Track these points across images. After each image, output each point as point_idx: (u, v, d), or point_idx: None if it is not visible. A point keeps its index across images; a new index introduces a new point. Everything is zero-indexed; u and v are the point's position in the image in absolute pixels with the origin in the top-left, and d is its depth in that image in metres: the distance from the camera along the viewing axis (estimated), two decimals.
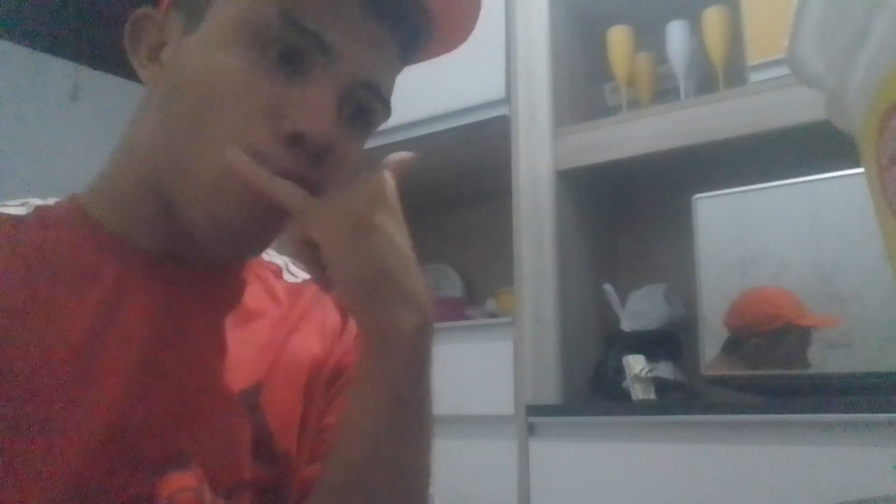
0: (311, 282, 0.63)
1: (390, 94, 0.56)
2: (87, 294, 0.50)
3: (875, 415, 1.09)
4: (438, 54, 0.60)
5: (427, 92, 1.66)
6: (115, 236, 0.54)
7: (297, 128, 0.49)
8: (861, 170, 0.37)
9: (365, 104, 0.53)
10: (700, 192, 1.42)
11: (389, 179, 0.52)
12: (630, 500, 1.29)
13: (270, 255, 0.65)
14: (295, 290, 0.63)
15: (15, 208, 0.54)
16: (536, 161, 1.61)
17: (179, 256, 0.55)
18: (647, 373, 1.42)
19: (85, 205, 0.55)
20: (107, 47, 2.45)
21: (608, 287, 1.60)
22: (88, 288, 0.51)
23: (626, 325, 1.58)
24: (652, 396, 1.41)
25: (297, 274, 0.65)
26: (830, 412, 1.14)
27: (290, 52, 0.49)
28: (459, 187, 2.00)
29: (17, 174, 2.22)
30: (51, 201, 0.56)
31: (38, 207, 0.55)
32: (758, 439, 1.19)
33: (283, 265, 0.65)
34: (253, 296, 0.60)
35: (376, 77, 0.53)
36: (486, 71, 1.63)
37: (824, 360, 1.25)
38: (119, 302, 0.51)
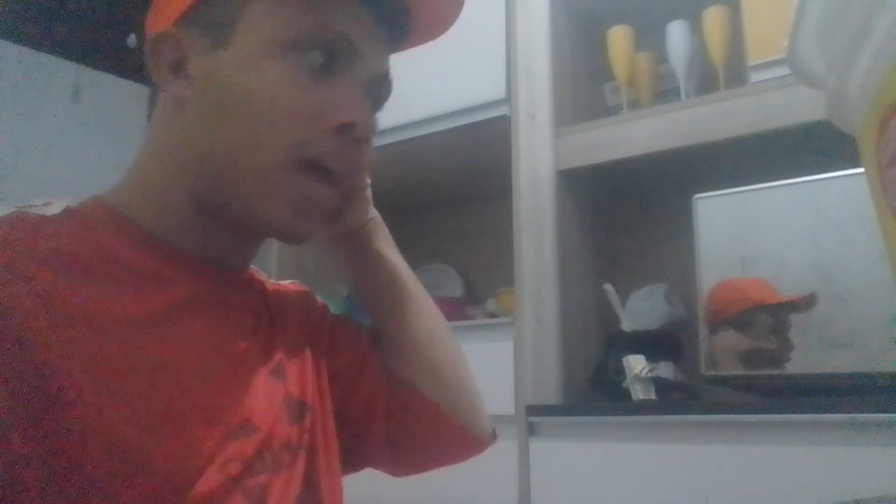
0: (284, 284, 0.76)
1: None
2: (139, 292, 0.54)
3: (875, 415, 1.09)
4: (416, 45, 0.69)
5: (427, 92, 1.66)
6: (154, 236, 0.58)
7: (348, 119, 0.57)
8: (861, 170, 0.37)
9: (380, 91, 0.64)
10: (700, 192, 1.43)
11: None
12: (630, 500, 1.29)
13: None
14: (278, 287, 0.72)
15: (44, 208, 0.56)
16: (536, 161, 1.61)
17: (209, 256, 0.60)
18: (647, 373, 1.42)
19: (117, 206, 0.58)
20: (107, 48, 2.46)
21: (608, 287, 1.60)
22: (140, 287, 0.55)
23: (627, 325, 1.58)
24: (652, 396, 1.41)
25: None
26: (831, 412, 1.14)
27: (326, 55, 0.57)
28: (459, 187, 2.00)
29: (18, 174, 2.22)
30: (73, 202, 0.58)
31: (67, 207, 0.57)
32: (758, 439, 1.19)
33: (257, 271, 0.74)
34: (264, 290, 0.68)
35: (386, 66, 0.63)
36: (486, 71, 1.63)
37: (824, 360, 1.25)
38: (173, 295, 0.56)
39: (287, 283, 0.76)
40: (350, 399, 0.70)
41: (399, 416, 0.71)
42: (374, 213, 0.73)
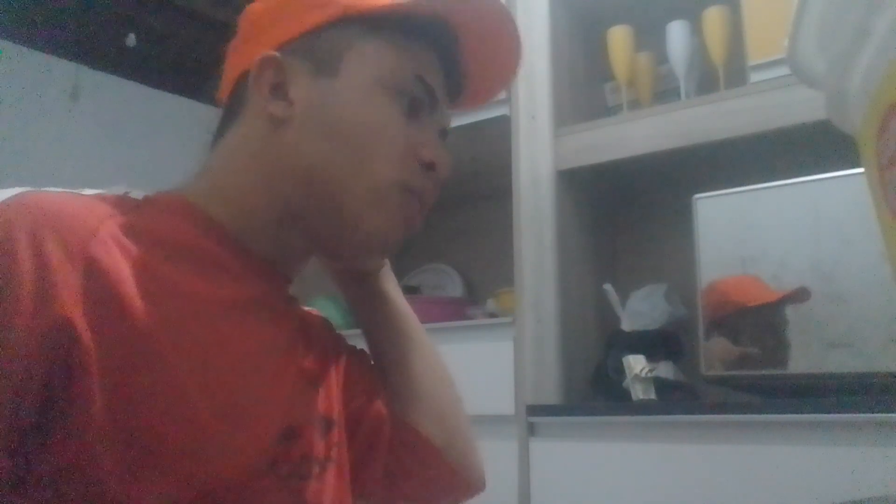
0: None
1: None
2: (219, 281, 0.58)
3: (875, 415, 1.09)
4: (461, 109, 0.75)
5: None
6: (231, 233, 0.61)
7: (432, 158, 0.64)
8: (861, 170, 0.37)
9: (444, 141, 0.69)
10: (700, 192, 1.42)
11: None
12: (630, 500, 1.29)
13: None
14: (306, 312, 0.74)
15: (125, 196, 0.59)
16: (536, 161, 1.61)
17: (272, 262, 0.64)
18: (647, 373, 1.42)
19: (196, 202, 0.61)
20: (107, 47, 2.45)
21: (608, 287, 1.60)
22: (219, 276, 0.58)
23: (627, 325, 1.58)
24: (652, 396, 1.41)
25: None
26: (830, 412, 1.14)
27: (413, 101, 0.63)
28: (459, 187, 2.00)
29: (17, 174, 2.21)
30: (149, 192, 0.62)
31: (147, 196, 0.61)
32: (758, 439, 1.19)
33: None
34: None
35: (450, 121, 0.70)
36: None
37: (824, 360, 1.25)
38: (244, 291, 0.60)
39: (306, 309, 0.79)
40: (357, 426, 0.71)
41: (400, 452, 0.72)
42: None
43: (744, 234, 1.38)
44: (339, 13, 0.62)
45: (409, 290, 1.94)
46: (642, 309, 1.60)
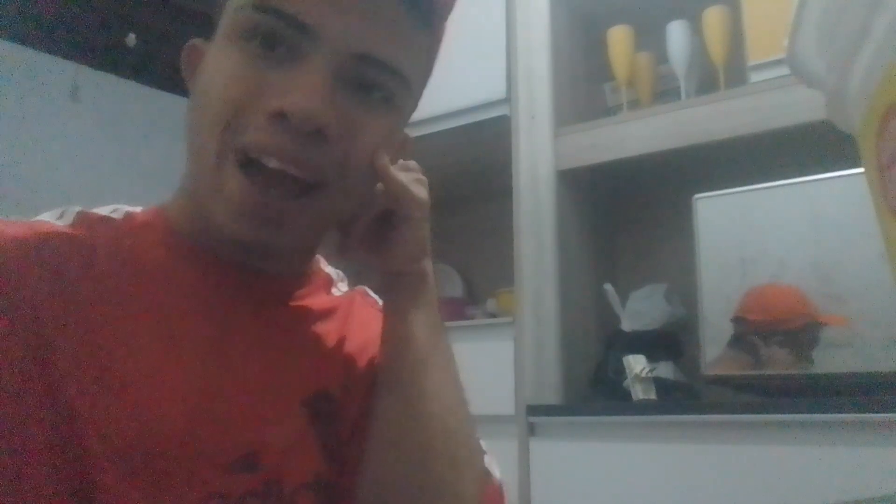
0: (352, 293, 0.67)
1: (404, 64, 0.53)
2: (167, 293, 0.54)
3: (875, 415, 1.09)
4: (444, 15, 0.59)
5: (427, 92, 1.66)
6: (194, 246, 0.56)
7: (279, 106, 0.48)
8: (861, 170, 0.37)
9: (368, 78, 0.52)
10: (700, 192, 1.43)
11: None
12: (630, 500, 1.29)
13: (323, 265, 0.67)
14: (346, 300, 0.65)
15: (108, 212, 0.57)
16: (536, 161, 1.61)
17: (255, 266, 0.57)
18: (647, 373, 1.42)
19: (168, 216, 0.57)
20: (107, 47, 2.45)
21: (608, 287, 1.60)
22: (167, 289, 0.54)
23: (627, 325, 1.58)
24: (652, 396, 1.41)
25: (342, 289, 0.67)
26: (830, 412, 1.14)
27: (272, 38, 0.50)
28: (459, 187, 2.00)
29: (17, 174, 2.21)
30: (138, 209, 0.59)
31: (127, 213, 0.58)
32: (758, 439, 1.19)
33: (334, 277, 0.67)
34: (319, 304, 0.62)
35: (371, 47, 0.51)
36: (486, 71, 1.63)
37: (824, 360, 1.25)
38: (188, 302, 0.54)
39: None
40: None
41: None
42: (419, 267, 0.59)
43: (743, 234, 1.38)
44: None
45: None
46: (642, 309, 1.60)
